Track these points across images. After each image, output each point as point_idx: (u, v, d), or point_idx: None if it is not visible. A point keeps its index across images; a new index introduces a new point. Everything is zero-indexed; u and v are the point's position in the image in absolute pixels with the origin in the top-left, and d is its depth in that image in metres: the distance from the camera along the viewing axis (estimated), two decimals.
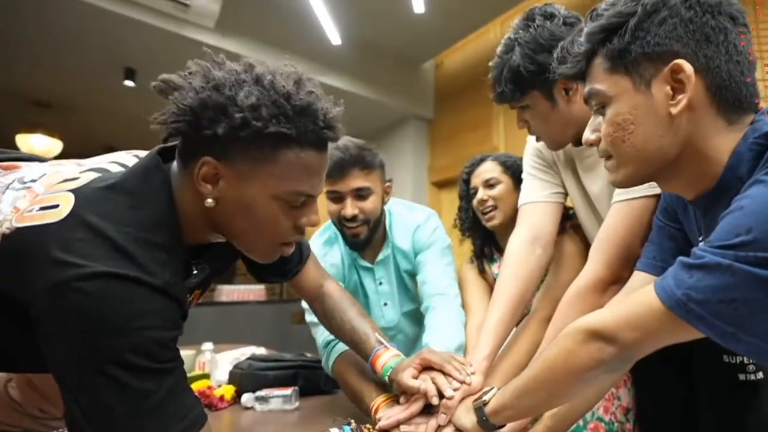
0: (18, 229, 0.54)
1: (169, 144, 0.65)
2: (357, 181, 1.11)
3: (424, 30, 3.51)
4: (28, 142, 4.03)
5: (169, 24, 2.91)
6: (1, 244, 0.54)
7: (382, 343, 0.87)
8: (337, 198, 1.13)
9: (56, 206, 0.54)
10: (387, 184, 1.22)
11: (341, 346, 1.04)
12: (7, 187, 0.60)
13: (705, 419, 0.87)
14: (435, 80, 4.36)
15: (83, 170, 0.62)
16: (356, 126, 5.26)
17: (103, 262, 0.51)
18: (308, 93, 0.60)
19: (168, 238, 0.58)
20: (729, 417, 0.82)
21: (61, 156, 4.25)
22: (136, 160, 0.66)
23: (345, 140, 1.13)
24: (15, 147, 4.01)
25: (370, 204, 1.14)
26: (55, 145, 4.16)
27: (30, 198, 0.59)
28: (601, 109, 0.59)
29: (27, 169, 0.67)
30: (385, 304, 1.30)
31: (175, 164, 0.63)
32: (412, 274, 1.29)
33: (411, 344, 1.34)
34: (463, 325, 1.14)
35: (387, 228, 1.25)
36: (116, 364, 0.50)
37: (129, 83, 3.50)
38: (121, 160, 0.67)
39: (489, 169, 1.27)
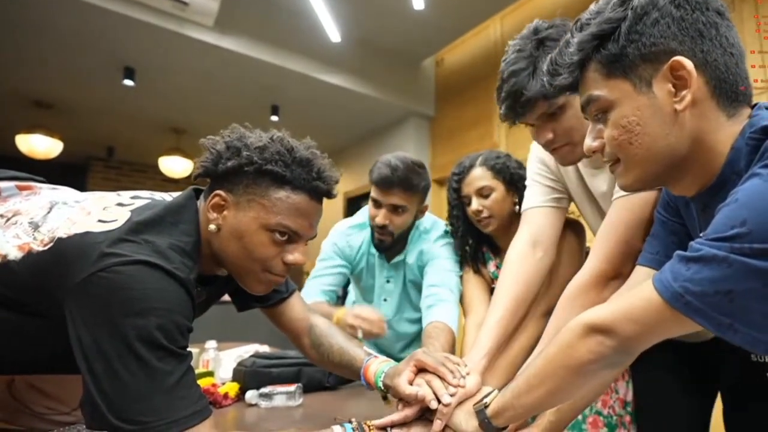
0: (76, 233, 0.62)
1: (198, 187, 0.78)
2: (396, 198, 1.25)
3: (424, 27, 3.50)
4: (28, 142, 4.02)
5: (168, 23, 2.90)
6: (54, 246, 0.62)
7: (371, 355, 0.89)
8: (376, 205, 1.28)
9: (114, 220, 0.64)
10: (424, 204, 1.35)
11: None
12: (53, 206, 0.69)
13: (733, 420, 0.86)
14: (435, 77, 4.35)
15: (132, 197, 0.73)
16: (357, 124, 5.23)
17: (144, 256, 0.59)
18: (310, 152, 0.73)
19: (193, 251, 0.69)
20: (758, 416, 0.81)
21: (63, 155, 4.26)
22: (165, 194, 0.80)
23: (401, 159, 1.26)
24: (15, 147, 4.01)
25: (401, 220, 1.28)
26: (56, 145, 4.16)
27: (83, 213, 0.66)
28: (602, 116, 0.59)
29: (59, 192, 0.77)
30: (385, 300, 1.41)
31: (199, 200, 0.75)
32: (416, 285, 1.39)
33: (397, 340, 1.45)
34: (457, 321, 1.21)
35: (408, 239, 1.37)
36: (142, 341, 0.56)
37: (128, 82, 3.49)
38: (156, 195, 0.79)
39: (480, 177, 1.22)
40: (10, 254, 0.63)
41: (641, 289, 0.53)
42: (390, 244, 1.32)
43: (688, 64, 0.52)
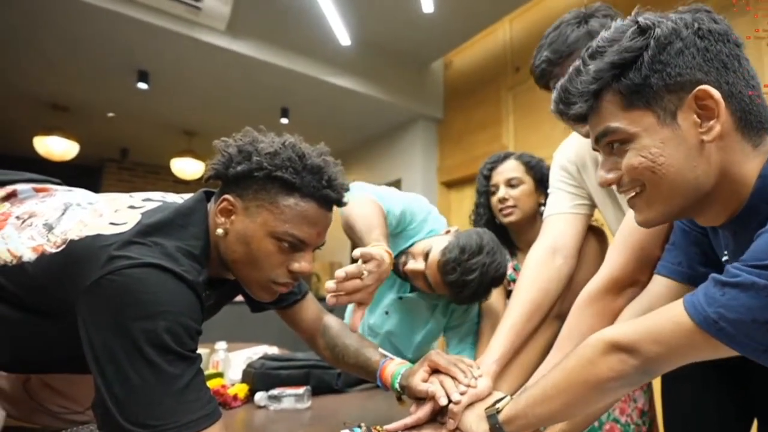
0: (87, 236, 0.63)
1: (209, 189, 0.78)
2: (439, 290, 1.11)
3: (433, 29, 3.50)
4: (45, 144, 4.10)
5: (181, 27, 2.94)
6: (66, 248, 0.63)
7: (386, 356, 0.90)
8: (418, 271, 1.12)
9: (125, 223, 0.65)
10: None
11: None
12: (67, 208, 0.71)
13: None
14: (444, 80, 4.34)
15: (144, 199, 0.74)
16: (365, 126, 5.25)
17: (152, 258, 0.60)
18: (322, 159, 0.71)
19: (201, 255, 0.69)
20: None
21: (78, 157, 4.33)
22: (176, 196, 0.80)
23: (488, 276, 1.06)
24: (33, 149, 4.10)
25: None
26: (72, 147, 4.23)
27: (95, 215, 0.67)
28: (618, 147, 0.56)
29: (74, 194, 0.78)
30: (387, 313, 1.30)
31: (210, 203, 0.75)
32: (429, 333, 1.29)
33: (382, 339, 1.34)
34: None
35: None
36: (151, 344, 0.56)
37: (142, 85, 3.55)
38: (168, 197, 0.80)
39: (512, 168, 1.26)
40: (24, 255, 0.64)
41: (670, 310, 0.51)
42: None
43: (716, 93, 0.50)
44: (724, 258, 0.62)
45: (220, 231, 0.70)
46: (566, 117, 0.60)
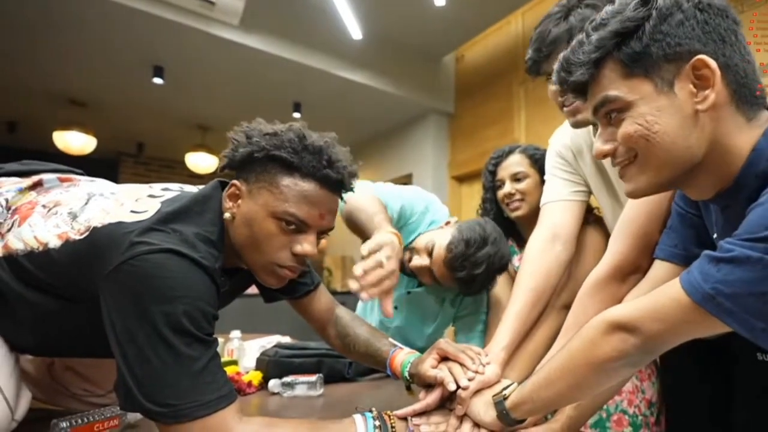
0: (109, 223, 0.65)
1: (224, 179, 0.79)
2: (447, 284, 1.13)
3: (445, 23, 3.48)
4: (64, 139, 4.20)
5: (195, 22, 2.98)
6: (90, 235, 0.65)
7: (396, 346, 0.91)
8: (423, 268, 1.13)
9: (145, 211, 0.67)
10: None
11: None
12: (90, 197, 0.73)
13: (739, 419, 0.85)
14: (456, 74, 4.32)
15: (163, 188, 0.76)
16: (377, 120, 5.25)
17: (171, 245, 0.62)
18: (324, 141, 0.72)
19: (218, 240, 0.70)
20: (761, 416, 0.80)
21: (95, 151, 4.43)
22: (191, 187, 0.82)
23: (494, 267, 1.08)
24: (53, 144, 4.20)
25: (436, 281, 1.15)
26: (90, 142, 4.33)
27: (117, 204, 0.69)
28: (615, 116, 0.57)
29: (96, 184, 0.81)
30: (396, 308, 1.31)
31: (223, 192, 0.76)
32: (441, 324, 1.31)
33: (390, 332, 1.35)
34: None
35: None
36: (170, 327, 0.58)
37: (158, 81, 3.60)
38: (185, 187, 0.82)
39: (517, 162, 1.26)
40: (50, 242, 0.67)
41: (668, 288, 0.52)
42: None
43: (712, 63, 0.52)
44: (715, 235, 0.63)
45: (227, 215, 0.71)
46: (567, 86, 0.61)
